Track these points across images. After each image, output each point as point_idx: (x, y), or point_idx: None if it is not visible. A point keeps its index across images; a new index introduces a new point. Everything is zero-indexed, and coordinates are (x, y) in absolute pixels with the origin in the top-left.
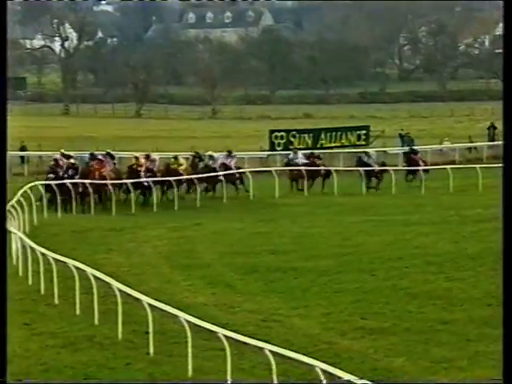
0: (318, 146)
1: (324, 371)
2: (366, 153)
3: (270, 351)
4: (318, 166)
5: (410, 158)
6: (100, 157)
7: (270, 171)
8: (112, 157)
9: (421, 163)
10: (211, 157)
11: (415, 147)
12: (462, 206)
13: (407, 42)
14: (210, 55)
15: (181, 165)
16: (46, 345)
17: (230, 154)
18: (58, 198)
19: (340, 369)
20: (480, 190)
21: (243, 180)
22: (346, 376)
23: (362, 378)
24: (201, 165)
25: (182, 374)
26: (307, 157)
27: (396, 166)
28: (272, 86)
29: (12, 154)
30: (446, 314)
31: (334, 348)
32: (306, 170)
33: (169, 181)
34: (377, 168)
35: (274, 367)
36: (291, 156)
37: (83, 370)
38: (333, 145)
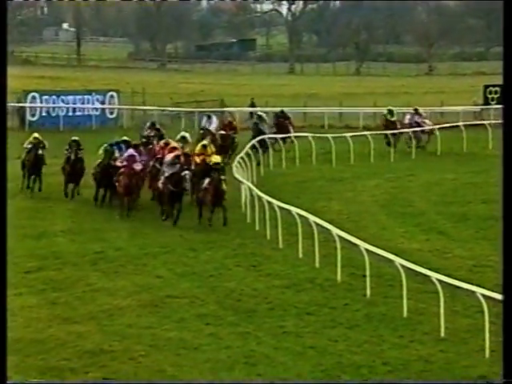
0: None
1: None
2: (260, 116)
3: (482, 295)
4: (232, 137)
5: None
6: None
7: (484, 124)
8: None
9: None
10: None
11: None
12: None
13: None
14: (427, 15)
15: None
16: (272, 285)
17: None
18: (283, 150)
19: None
20: None
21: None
22: None
23: None
24: None
25: (397, 314)
26: (223, 125)
27: None
28: (488, 42)
29: (242, 109)
30: None
31: None
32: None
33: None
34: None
35: (485, 310)
36: (203, 122)
37: (305, 309)
38: None
